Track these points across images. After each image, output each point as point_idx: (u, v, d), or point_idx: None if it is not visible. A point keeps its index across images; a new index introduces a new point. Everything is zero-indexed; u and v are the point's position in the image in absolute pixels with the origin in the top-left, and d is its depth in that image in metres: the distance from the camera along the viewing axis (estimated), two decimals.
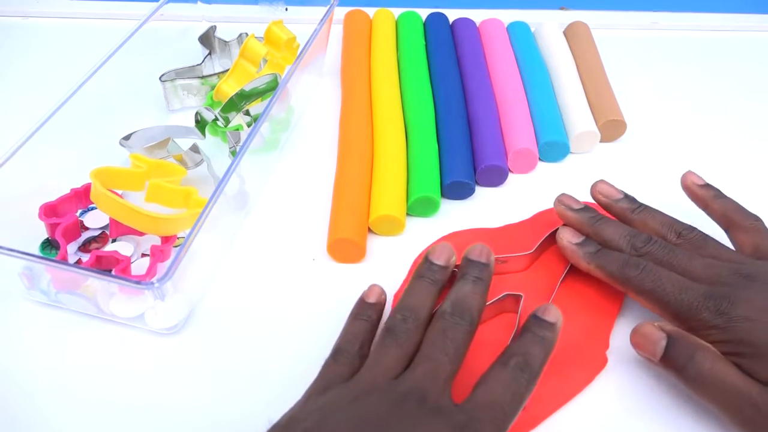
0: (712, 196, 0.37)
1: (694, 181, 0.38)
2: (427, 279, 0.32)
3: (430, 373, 0.28)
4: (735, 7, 0.65)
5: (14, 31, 0.62)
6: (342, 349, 0.31)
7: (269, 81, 0.47)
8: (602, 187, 0.38)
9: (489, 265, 0.33)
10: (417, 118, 0.48)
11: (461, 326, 0.30)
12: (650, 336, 0.31)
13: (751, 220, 0.35)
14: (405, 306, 0.31)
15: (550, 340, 0.29)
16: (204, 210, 0.34)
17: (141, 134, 0.46)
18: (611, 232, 0.35)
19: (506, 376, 0.28)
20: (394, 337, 0.29)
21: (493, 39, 0.56)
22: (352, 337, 0.31)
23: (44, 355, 0.36)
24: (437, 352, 0.29)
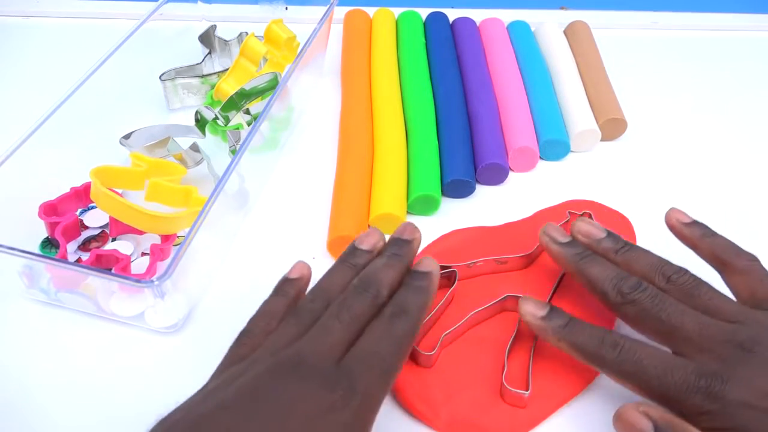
0: (699, 235, 0.33)
1: (679, 219, 0.34)
2: (347, 263, 0.31)
3: (315, 339, 0.27)
4: (735, 7, 0.65)
5: (14, 31, 0.62)
6: (247, 329, 0.29)
7: (269, 80, 0.47)
8: (582, 227, 0.34)
9: (411, 242, 0.32)
10: (417, 116, 0.48)
11: (363, 297, 0.28)
12: (634, 425, 0.26)
13: (745, 260, 0.31)
14: (317, 287, 0.30)
15: (426, 288, 0.29)
16: (204, 209, 0.34)
17: (141, 133, 0.46)
18: (597, 272, 0.32)
19: (381, 325, 0.27)
20: (296, 315, 0.28)
21: (493, 38, 0.56)
22: (261, 315, 0.30)
23: (44, 354, 0.36)
24: (329, 318, 0.27)
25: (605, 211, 0.41)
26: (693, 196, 0.44)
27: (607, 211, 0.41)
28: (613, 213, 0.41)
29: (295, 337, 0.27)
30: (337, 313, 0.28)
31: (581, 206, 0.41)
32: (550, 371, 0.33)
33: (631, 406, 0.27)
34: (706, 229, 0.33)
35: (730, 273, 0.32)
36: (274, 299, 0.31)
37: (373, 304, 0.28)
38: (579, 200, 0.43)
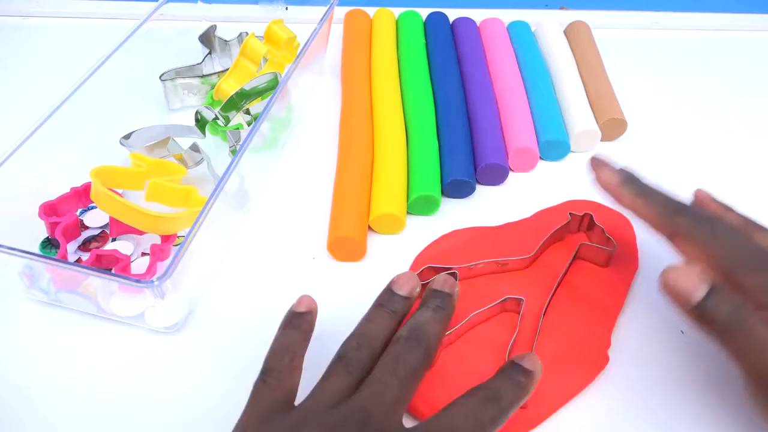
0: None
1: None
2: (386, 309, 0.31)
3: (376, 395, 0.26)
4: (735, 7, 0.65)
5: (14, 31, 0.62)
6: (271, 367, 0.29)
7: (269, 80, 0.47)
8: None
9: (452, 296, 0.32)
10: (417, 116, 0.48)
11: (416, 351, 0.28)
12: (689, 279, 0.27)
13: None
14: (360, 333, 0.30)
15: (525, 385, 0.27)
16: (204, 209, 0.34)
17: (141, 133, 0.46)
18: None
19: (471, 405, 0.26)
20: (344, 364, 0.28)
21: (493, 38, 0.56)
22: (280, 350, 0.30)
23: (44, 354, 0.36)
24: (387, 374, 0.27)
25: (605, 211, 0.41)
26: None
27: (607, 211, 0.41)
28: (613, 213, 0.41)
29: (348, 389, 0.27)
30: (394, 369, 0.27)
31: (582, 206, 0.41)
32: (551, 371, 0.33)
33: (682, 266, 0.27)
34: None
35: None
36: (289, 333, 0.30)
37: (425, 359, 0.28)
38: (579, 200, 0.43)
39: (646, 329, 0.36)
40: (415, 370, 0.28)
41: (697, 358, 0.35)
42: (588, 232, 0.39)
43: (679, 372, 0.35)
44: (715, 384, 0.34)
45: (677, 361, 0.35)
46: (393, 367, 0.27)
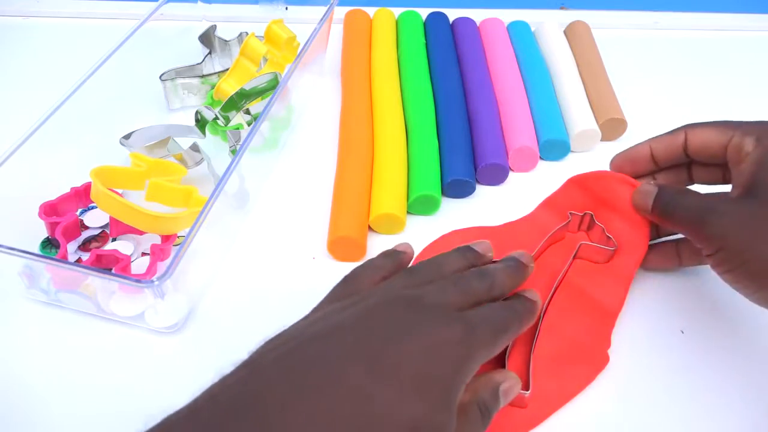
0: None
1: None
2: (461, 253, 0.32)
3: (432, 291, 0.27)
4: (735, 7, 0.65)
5: (14, 31, 0.62)
6: (354, 274, 0.31)
7: (269, 80, 0.47)
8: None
9: (527, 267, 0.32)
10: (417, 116, 0.48)
11: (480, 282, 0.29)
12: (644, 190, 0.35)
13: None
14: (433, 260, 0.31)
15: (531, 308, 0.30)
16: (204, 209, 0.34)
17: (141, 133, 0.46)
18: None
19: (498, 303, 0.29)
20: (410, 273, 0.30)
21: (493, 38, 0.56)
22: (368, 267, 0.31)
23: (44, 354, 0.36)
24: (448, 283, 0.28)
25: (613, 182, 0.37)
26: None
27: (615, 182, 0.37)
28: (622, 184, 0.37)
29: (409, 287, 0.28)
30: (455, 281, 0.29)
31: (588, 181, 0.38)
32: (551, 371, 0.33)
33: (644, 183, 0.36)
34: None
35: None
36: (381, 259, 0.32)
37: (487, 293, 0.29)
38: (584, 174, 0.38)
39: (646, 329, 0.36)
40: (474, 291, 0.28)
41: (698, 358, 0.35)
42: (588, 231, 0.39)
43: (680, 372, 0.35)
44: (714, 384, 0.34)
45: (677, 360, 0.35)
46: (454, 280, 0.29)
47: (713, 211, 0.31)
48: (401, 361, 0.24)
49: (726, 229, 0.30)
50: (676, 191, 0.33)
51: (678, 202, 0.32)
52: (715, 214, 0.30)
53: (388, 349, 0.24)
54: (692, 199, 0.32)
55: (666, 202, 0.33)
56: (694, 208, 0.31)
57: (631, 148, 0.37)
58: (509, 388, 0.29)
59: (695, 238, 0.32)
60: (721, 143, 0.33)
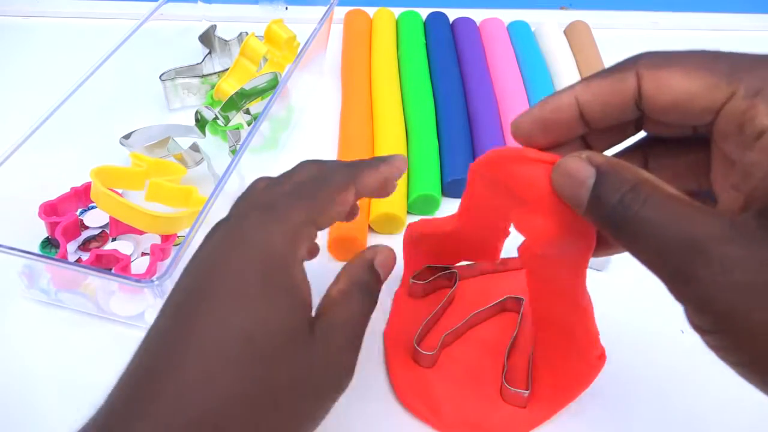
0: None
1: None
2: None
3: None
4: (735, 7, 0.65)
5: (14, 31, 0.62)
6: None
7: (269, 80, 0.47)
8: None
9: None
10: (417, 116, 0.48)
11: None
12: (574, 173, 0.20)
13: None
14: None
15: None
16: (204, 209, 0.34)
17: (141, 133, 0.46)
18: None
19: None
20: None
21: (493, 38, 0.56)
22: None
23: (44, 354, 0.36)
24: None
25: (520, 161, 0.23)
26: None
27: (523, 160, 0.23)
28: (532, 161, 0.23)
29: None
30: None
31: (485, 168, 0.26)
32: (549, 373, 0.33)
33: (574, 155, 0.21)
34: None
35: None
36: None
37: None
38: (479, 160, 0.26)
39: (646, 329, 0.36)
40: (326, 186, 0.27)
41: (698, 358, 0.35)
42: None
43: (679, 372, 0.35)
44: (714, 383, 0.34)
45: (677, 360, 0.35)
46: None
47: (707, 257, 0.17)
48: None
49: (734, 301, 0.17)
50: (631, 189, 0.19)
51: (637, 218, 0.18)
52: (713, 265, 0.17)
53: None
54: (663, 214, 0.18)
55: (613, 209, 0.19)
56: (668, 239, 0.18)
57: (545, 102, 0.22)
58: (384, 260, 0.28)
59: (673, 292, 0.19)
60: (707, 101, 0.19)
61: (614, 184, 0.19)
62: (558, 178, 0.21)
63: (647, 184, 0.19)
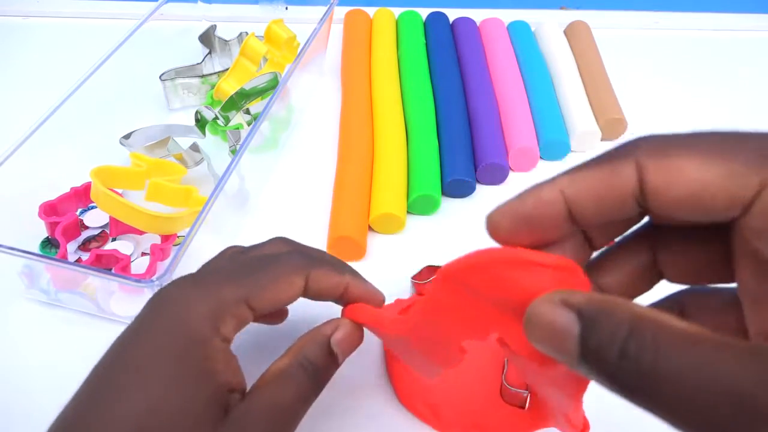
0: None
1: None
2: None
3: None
4: (735, 7, 0.65)
5: (14, 31, 0.62)
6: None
7: (269, 80, 0.47)
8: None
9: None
10: (417, 116, 0.48)
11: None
12: (552, 324, 0.16)
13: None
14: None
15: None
16: (204, 209, 0.34)
17: (141, 133, 0.46)
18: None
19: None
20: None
21: (493, 38, 0.56)
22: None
23: (44, 354, 0.36)
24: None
25: (510, 265, 0.18)
26: None
27: (513, 263, 0.18)
28: (525, 264, 0.18)
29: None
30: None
31: (466, 279, 0.20)
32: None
33: (544, 299, 0.17)
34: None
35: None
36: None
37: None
38: (455, 267, 0.20)
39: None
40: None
41: None
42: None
43: None
44: None
45: None
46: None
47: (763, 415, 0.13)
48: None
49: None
50: (630, 333, 0.15)
51: (654, 373, 0.14)
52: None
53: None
54: (686, 360, 0.14)
55: (617, 366, 0.15)
56: (704, 395, 0.13)
57: (524, 196, 0.18)
58: (344, 338, 0.25)
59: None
60: (731, 194, 0.16)
61: (607, 333, 0.15)
62: (533, 332, 0.17)
63: (648, 322, 0.15)
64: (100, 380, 0.22)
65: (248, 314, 0.24)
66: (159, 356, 0.21)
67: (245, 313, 0.23)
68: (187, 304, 0.22)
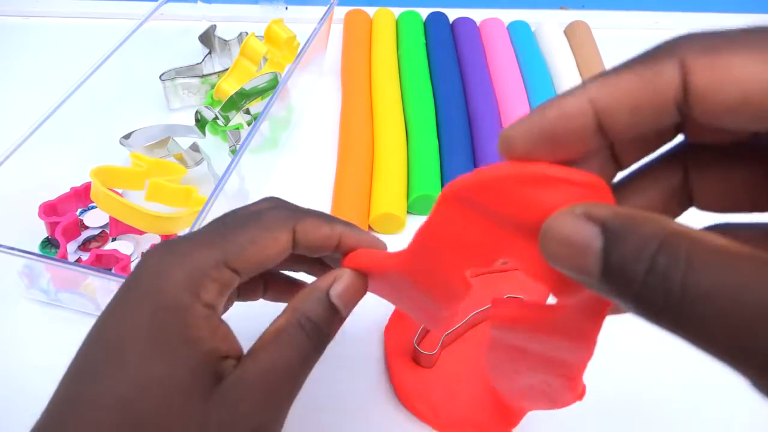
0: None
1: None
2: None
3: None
4: (735, 7, 0.65)
5: (14, 31, 0.62)
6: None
7: (269, 80, 0.47)
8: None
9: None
10: (417, 116, 0.48)
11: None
12: (572, 238, 0.15)
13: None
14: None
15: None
16: (204, 208, 0.34)
17: (141, 133, 0.46)
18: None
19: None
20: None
21: (493, 38, 0.56)
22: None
23: (44, 354, 0.35)
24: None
25: (527, 181, 0.17)
26: None
27: (530, 179, 0.17)
28: (543, 180, 0.16)
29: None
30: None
31: (474, 196, 0.18)
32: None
33: (564, 211, 0.15)
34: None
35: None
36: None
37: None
38: (464, 183, 0.18)
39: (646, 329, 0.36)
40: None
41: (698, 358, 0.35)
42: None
43: (679, 372, 0.34)
44: (714, 384, 0.34)
45: (677, 360, 0.35)
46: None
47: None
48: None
49: None
50: (660, 248, 0.13)
51: (686, 290, 0.13)
52: None
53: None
54: (726, 276, 0.12)
55: (643, 284, 0.13)
56: (746, 314, 0.12)
57: (546, 107, 0.17)
58: (346, 289, 0.23)
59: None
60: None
61: (634, 247, 0.13)
62: (549, 247, 0.15)
63: (682, 236, 0.13)
64: (79, 363, 0.21)
65: (231, 277, 0.22)
66: (136, 329, 0.20)
67: (227, 276, 0.21)
68: (162, 273, 0.21)
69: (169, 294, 0.20)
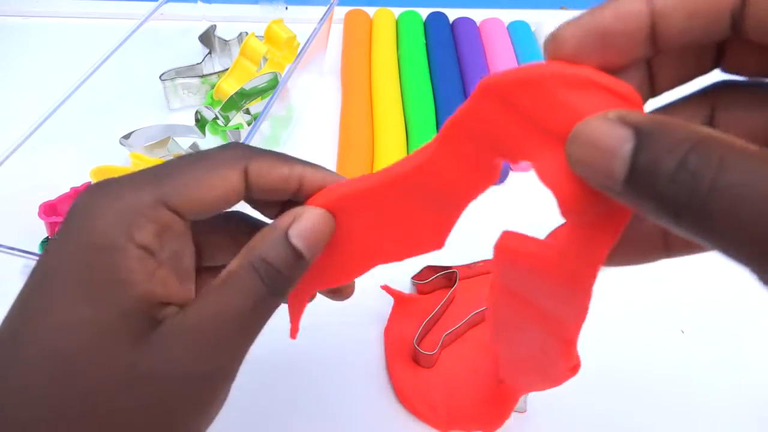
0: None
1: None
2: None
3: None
4: None
5: (14, 31, 0.62)
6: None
7: (269, 79, 0.47)
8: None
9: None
10: (417, 116, 0.48)
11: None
12: (600, 141, 0.14)
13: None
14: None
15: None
16: None
17: (141, 133, 0.46)
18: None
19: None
20: None
21: (493, 38, 0.56)
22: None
23: None
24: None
25: (569, 83, 0.16)
26: None
27: (572, 82, 0.16)
28: (586, 83, 0.16)
29: None
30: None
31: (512, 92, 0.17)
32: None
33: (598, 115, 0.15)
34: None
35: None
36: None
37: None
38: (504, 76, 0.17)
39: (646, 329, 0.36)
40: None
41: (698, 358, 0.35)
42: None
43: (680, 372, 0.35)
44: (714, 383, 0.34)
45: (677, 360, 0.35)
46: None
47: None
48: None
49: None
50: (693, 148, 0.13)
51: (716, 189, 0.12)
52: None
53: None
54: (759, 177, 0.12)
55: (671, 182, 0.13)
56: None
57: (602, 7, 0.17)
58: (308, 228, 0.21)
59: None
60: None
61: (666, 145, 0.13)
62: (576, 150, 0.15)
63: (717, 140, 0.13)
64: (14, 305, 0.20)
65: (171, 218, 0.20)
66: (63, 271, 0.19)
67: (166, 216, 0.20)
68: (93, 212, 0.19)
69: (98, 233, 0.19)
